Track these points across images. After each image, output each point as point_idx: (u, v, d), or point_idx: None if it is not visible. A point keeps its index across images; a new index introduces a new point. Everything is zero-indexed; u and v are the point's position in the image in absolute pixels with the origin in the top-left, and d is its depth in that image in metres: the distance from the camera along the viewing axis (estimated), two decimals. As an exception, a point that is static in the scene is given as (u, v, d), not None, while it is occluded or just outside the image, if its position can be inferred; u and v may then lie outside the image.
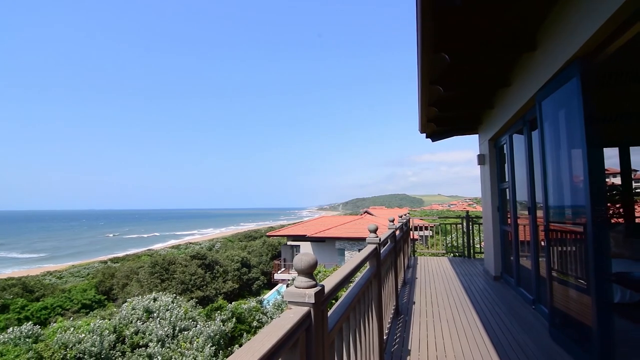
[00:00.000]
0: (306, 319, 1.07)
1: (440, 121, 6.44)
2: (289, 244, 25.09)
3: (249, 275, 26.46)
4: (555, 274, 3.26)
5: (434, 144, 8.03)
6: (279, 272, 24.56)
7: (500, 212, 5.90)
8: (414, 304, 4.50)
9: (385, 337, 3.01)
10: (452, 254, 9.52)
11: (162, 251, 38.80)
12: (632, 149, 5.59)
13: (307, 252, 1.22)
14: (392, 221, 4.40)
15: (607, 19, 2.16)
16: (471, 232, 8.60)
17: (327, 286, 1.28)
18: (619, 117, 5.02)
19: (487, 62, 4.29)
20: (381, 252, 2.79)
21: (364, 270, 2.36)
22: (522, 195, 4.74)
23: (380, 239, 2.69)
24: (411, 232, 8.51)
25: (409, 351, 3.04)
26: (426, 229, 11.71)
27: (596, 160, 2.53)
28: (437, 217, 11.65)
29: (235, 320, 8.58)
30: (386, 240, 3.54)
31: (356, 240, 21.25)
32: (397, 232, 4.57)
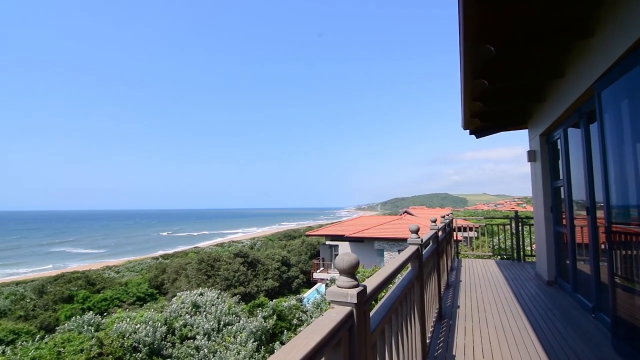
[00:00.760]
0: (349, 319, 1.08)
1: (485, 116, 6.14)
2: (327, 243, 25.21)
3: (289, 273, 26.97)
4: (618, 280, 2.97)
5: (478, 140, 7.67)
6: (318, 271, 24.74)
7: (554, 212, 5.51)
8: (458, 307, 4.34)
9: (428, 341, 2.93)
10: (499, 257, 9.04)
11: (207, 249, 40.69)
12: None
13: (347, 252, 1.23)
14: (434, 221, 4.27)
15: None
16: (521, 234, 8.11)
17: (369, 287, 1.28)
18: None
19: (537, 52, 4.02)
20: (423, 254, 2.72)
21: (405, 271, 2.31)
22: (578, 194, 4.38)
23: (422, 240, 2.63)
24: (454, 233, 8.20)
25: (454, 357, 2.94)
26: (470, 229, 11.21)
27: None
28: (483, 218, 11.12)
29: (276, 317, 8.80)
30: (428, 241, 3.44)
31: (396, 240, 20.83)
32: (440, 233, 4.43)
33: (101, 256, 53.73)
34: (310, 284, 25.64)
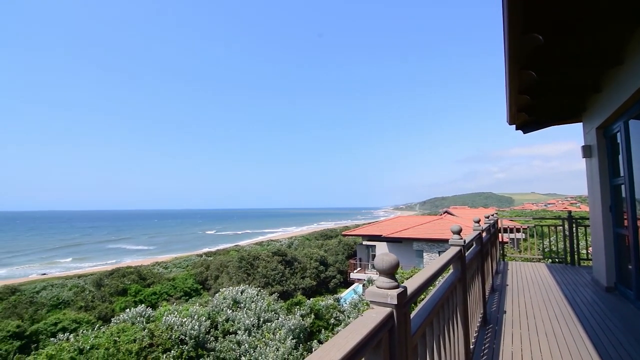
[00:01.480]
0: (389, 320, 1.07)
1: (533, 110, 5.76)
2: (364, 243, 24.99)
3: (326, 273, 27.09)
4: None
5: (523, 136, 7.18)
6: (355, 271, 24.61)
7: (613, 212, 5.05)
8: (504, 313, 4.12)
9: (472, 347, 2.81)
10: (550, 260, 8.45)
11: (248, 247, 42.00)
12: None
13: (386, 252, 1.22)
14: (478, 222, 4.08)
15: None
16: (575, 236, 7.51)
17: (410, 288, 1.26)
18: None
19: (592, 39, 3.70)
20: (466, 255, 2.62)
21: (446, 274, 2.24)
22: (643, 192, 3.98)
23: (464, 241, 2.53)
24: (500, 234, 7.78)
25: (500, 364, 2.80)
26: (518, 231, 10.56)
27: None
28: (531, 218, 10.42)
29: (313, 316, 8.88)
30: (471, 242, 3.30)
31: (436, 241, 20.15)
32: (484, 234, 4.23)
33: (151, 253, 57.39)
34: (347, 284, 25.58)
